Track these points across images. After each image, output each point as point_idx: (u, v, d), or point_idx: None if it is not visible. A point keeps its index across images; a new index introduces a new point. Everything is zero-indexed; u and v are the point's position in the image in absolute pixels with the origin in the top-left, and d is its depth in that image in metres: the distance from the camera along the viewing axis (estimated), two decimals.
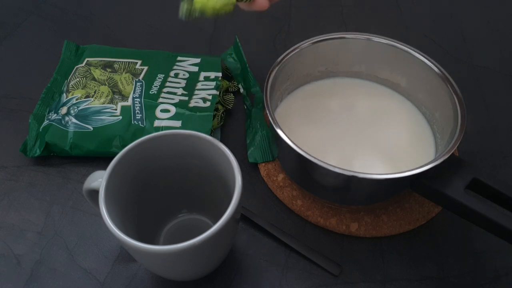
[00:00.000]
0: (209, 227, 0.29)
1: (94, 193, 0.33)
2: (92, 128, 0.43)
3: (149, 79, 0.47)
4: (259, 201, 0.42)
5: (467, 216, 0.34)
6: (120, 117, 0.43)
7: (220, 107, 0.47)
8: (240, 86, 0.50)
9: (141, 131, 0.43)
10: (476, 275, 0.37)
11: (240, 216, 0.39)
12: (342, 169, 0.33)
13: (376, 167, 0.39)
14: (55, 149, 0.43)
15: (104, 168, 0.32)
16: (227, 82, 0.50)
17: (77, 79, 0.47)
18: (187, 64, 0.50)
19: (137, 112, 0.44)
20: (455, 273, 0.37)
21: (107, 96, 0.45)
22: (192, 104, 0.45)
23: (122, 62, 0.49)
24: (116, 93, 0.45)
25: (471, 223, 0.34)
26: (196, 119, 0.44)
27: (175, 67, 0.49)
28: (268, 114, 0.37)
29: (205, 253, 0.31)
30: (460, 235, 0.39)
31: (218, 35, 0.57)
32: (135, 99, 0.45)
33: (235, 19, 0.59)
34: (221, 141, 0.45)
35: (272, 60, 0.41)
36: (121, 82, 0.47)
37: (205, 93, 0.46)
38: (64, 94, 0.46)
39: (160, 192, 0.37)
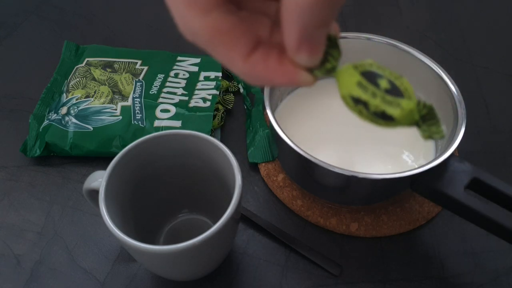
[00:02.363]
0: (209, 227, 0.29)
1: (94, 193, 0.33)
2: (92, 128, 0.43)
3: (149, 79, 0.47)
4: (259, 201, 0.41)
5: (467, 216, 0.34)
6: (120, 117, 0.43)
7: (220, 107, 0.47)
8: (240, 86, 0.50)
9: (141, 131, 0.43)
10: (476, 275, 0.37)
11: (240, 216, 0.39)
12: (342, 169, 0.33)
13: (376, 167, 0.39)
14: (55, 149, 0.43)
15: (104, 168, 0.32)
16: (227, 82, 0.50)
17: (77, 79, 0.47)
18: (187, 64, 0.50)
19: (137, 112, 0.44)
20: (455, 273, 0.37)
21: (107, 96, 0.45)
22: (192, 104, 0.45)
23: (122, 62, 0.49)
24: (116, 93, 0.45)
25: (470, 223, 0.34)
26: (196, 119, 0.44)
27: (175, 67, 0.49)
28: (268, 114, 0.37)
29: (205, 253, 0.31)
30: (460, 235, 0.39)
31: None
32: (135, 99, 0.45)
33: None
34: (221, 141, 0.45)
35: None
36: (121, 82, 0.46)
37: (205, 93, 0.46)
38: (64, 94, 0.46)
39: (160, 192, 0.37)
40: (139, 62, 0.49)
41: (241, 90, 0.49)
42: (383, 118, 0.17)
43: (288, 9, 0.16)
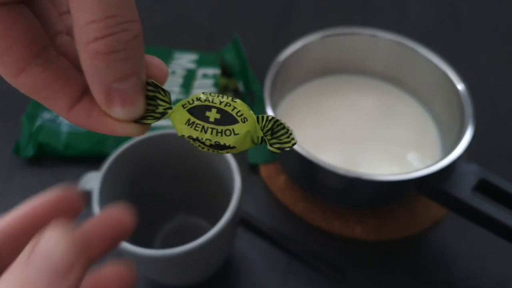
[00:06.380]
0: (207, 230, 0.28)
1: (87, 195, 0.32)
2: None
3: None
4: (259, 204, 0.41)
5: (474, 219, 0.33)
6: None
7: None
8: (239, 84, 0.49)
9: None
10: (482, 279, 0.37)
11: (240, 220, 0.38)
12: (346, 170, 0.33)
13: (381, 167, 0.39)
14: (49, 150, 0.43)
15: (99, 169, 0.31)
16: (226, 80, 0.49)
17: None
18: (185, 61, 0.49)
19: None
20: (462, 277, 0.37)
21: None
22: None
23: None
24: None
25: (477, 226, 0.34)
26: None
27: (172, 64, 0.48)
28: (269, 113, 0.36)
29: (203, 258, 0.30)
30: (466, 239, 0.39)
31: (216, 29, 0.56)
32: None
33: (235, 13, 0.58)
34: None
35: (273, 56, 0.40)
36: None
37: (203, 91, 0.46)
38: None
39: (157, 194, 0.36)
40: None
41: (241, 88, 0.49)
42: (222, 148, 0.18)
43: (83, 67, 0.15)
